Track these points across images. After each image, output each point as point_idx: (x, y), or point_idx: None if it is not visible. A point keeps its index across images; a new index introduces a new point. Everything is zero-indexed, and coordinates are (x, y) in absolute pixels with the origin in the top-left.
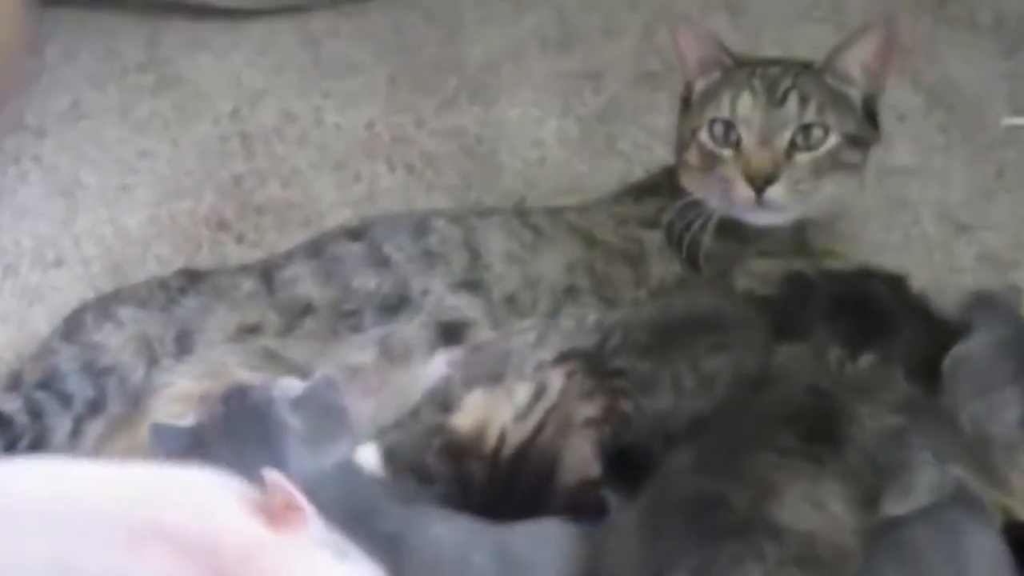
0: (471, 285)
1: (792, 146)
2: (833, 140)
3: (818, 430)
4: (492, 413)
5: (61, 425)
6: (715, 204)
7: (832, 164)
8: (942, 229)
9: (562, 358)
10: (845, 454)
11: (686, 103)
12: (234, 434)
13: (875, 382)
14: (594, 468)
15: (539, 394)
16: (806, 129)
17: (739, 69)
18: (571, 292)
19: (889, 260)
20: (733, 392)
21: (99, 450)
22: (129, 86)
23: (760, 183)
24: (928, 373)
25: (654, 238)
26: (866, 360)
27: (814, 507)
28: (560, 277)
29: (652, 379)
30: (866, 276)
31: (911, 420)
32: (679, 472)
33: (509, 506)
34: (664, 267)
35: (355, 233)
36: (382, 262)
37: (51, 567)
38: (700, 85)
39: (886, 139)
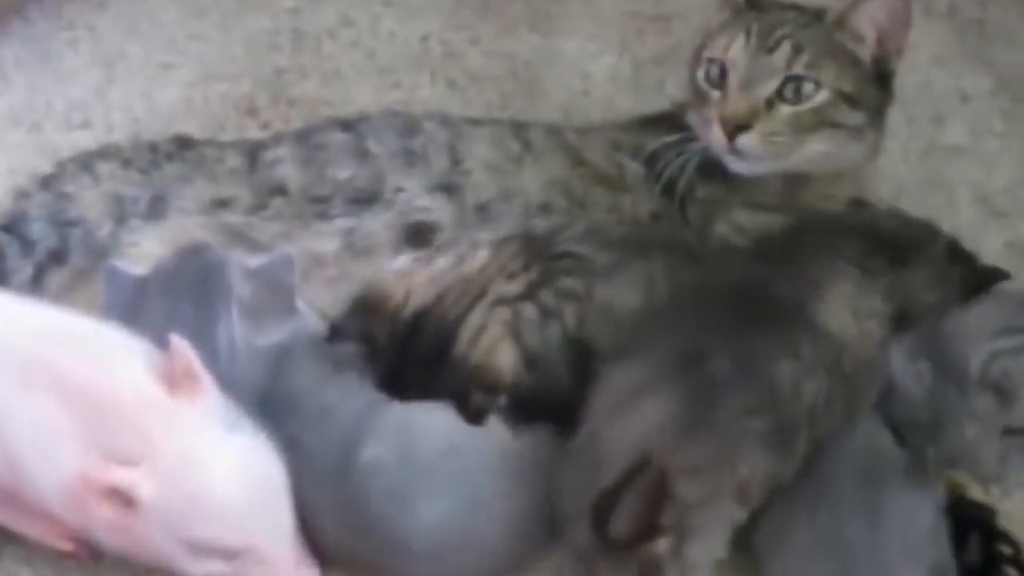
0: (446, 188)
1: (779, 96)
2: (823, 96)
3: (883, 246)
4: (408, 277)
5: (21, 269)
6: (703, 142)
7: (820, 121)
8: (976, 212)
9: (502, 240)
10: (899, 275)
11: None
12: (176, 288)
13: None
14: (503, 351)
15: (457, 263)
16: (796, 81)
17: (748, 11)
18: (544, 208)
19: None
20: None
21: (59, 300)
22: None
23: (731, 129)
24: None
25: (636, 170)
26: None
27: (852, 315)
28: (537, 193)
29: (616, 268)
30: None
31: None
32: (731, 256)
33: (403, 376)
34: (641, 200)
35: (346, 124)
36: (362, 154)
37: None
38: (712, 24)
39: (941, 116)
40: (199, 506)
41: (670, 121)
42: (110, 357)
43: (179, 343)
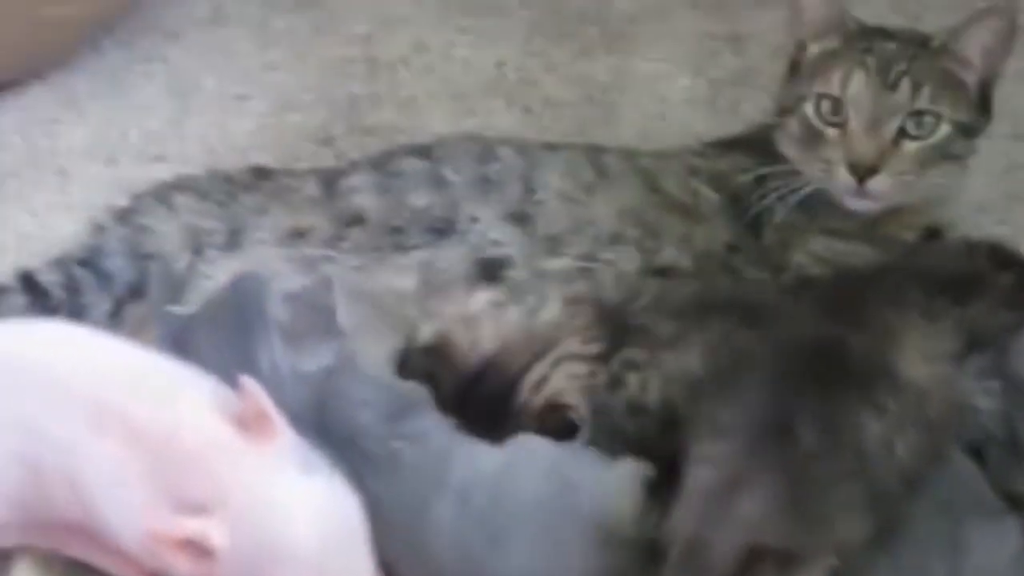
0: (518, 219)
1: (900, 133)
2: (944, 130)
3: (945, 286)
4: (476, 326)
5: (99, 304)
6: (811, 179)
7: (940, 154)
8: None
9: (575, 300)
10: (963, 311)
11: (794, 66)
12: (217, 320)
13: None
14: (568, 397)
15: (530, 314)
16: (917, 116)
17: (854, 41)
18: (615, 239)
19: None
20: None
21: (137, 334)
22: (271, 1)
23: (863, 172)
24: None
25: (713, 198)
26: None
27: (926, 361)
28: (609, 223)
29: (679, 338)
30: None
31: None
32: (798, 318)
33: (466, 424)
34: (715, 229)
35: (423, 151)
36: (439, 182)
37: (19, 424)
38: (814, 50)
39: (1020, 133)
40: (276, 553)
41: (756, 145)
42: (179, 400)
43: (249, 383)
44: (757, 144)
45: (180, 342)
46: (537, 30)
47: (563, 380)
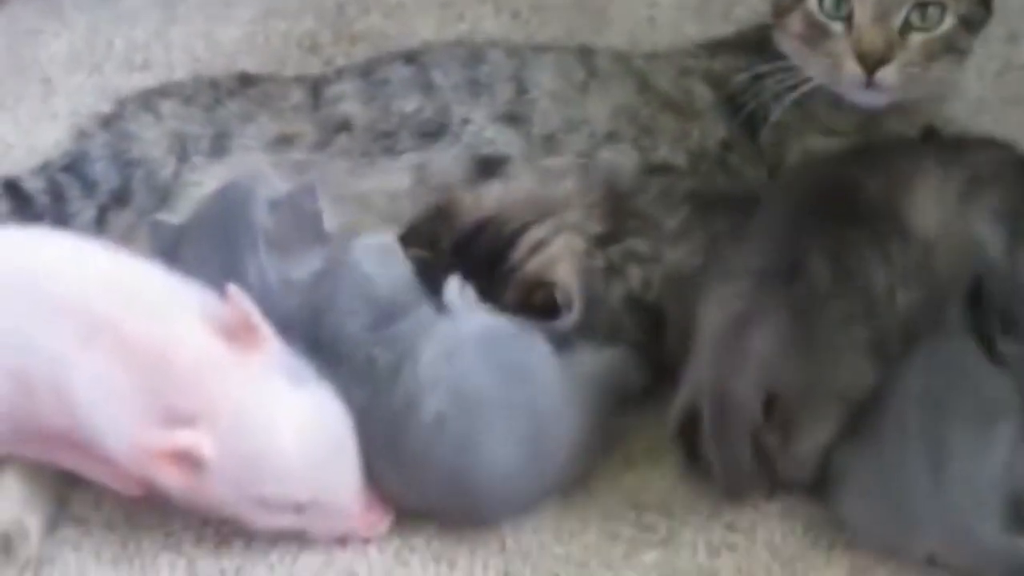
0: (512, 119)
1: (906, 25)
2: (949, 21)
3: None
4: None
5: (84, 211)
6: (814, 76)
7: (945, 47)
8: None
9: (586, 188)
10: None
11: None
12: (203, 229)
13: None
14: (561, 269)
15: (541, 185)
16: (922, 7)
17: None
18: (611, 137)
19: None
20: None
21: (122, 241)
22: None
23: (872, 63)
24: None
25: (708, 95)
26: None
27: (939, 206)
28: (603, 121)
29: (682, 233)
30: None
31: None
32: (821, 159)
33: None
34: (709, 127)
35: (409, 57)
36: (427, 86)
37: (11, 336)
38: None
39: (1015, 35)
40: (264, 463)
41: (750, 45)
42: (167, 311)
43: (236, 293)
44: (751, 44)
45: (169, 251)
46: None
47: (560, 249)
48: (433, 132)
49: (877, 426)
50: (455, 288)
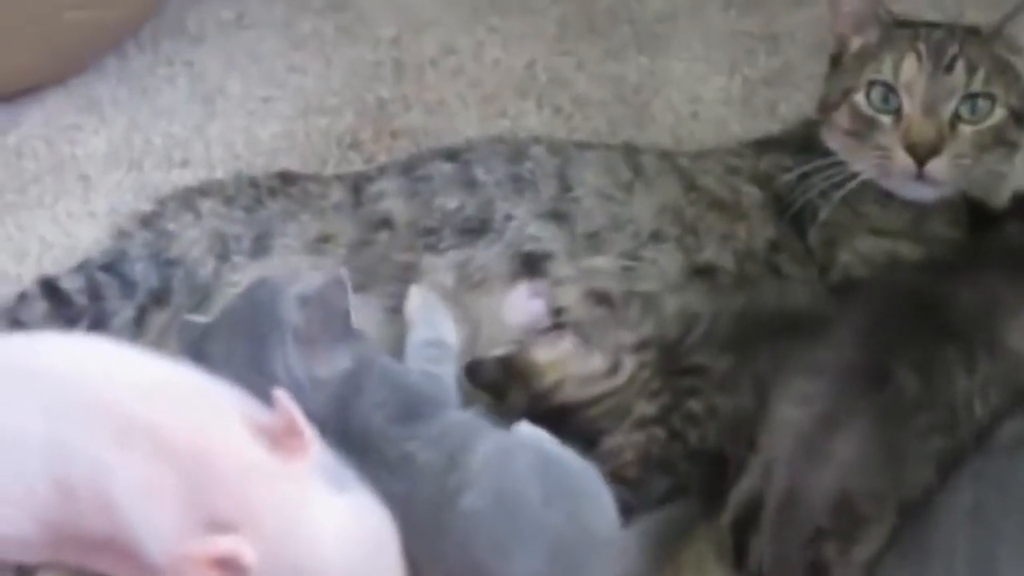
0: (556, 216)
1: (956, 117)
2: (999, 113)
3: None
4: (563, 365)
5: (123, 310)
6: (863, 171)
7: (995, 139)
8: None
9: (642, 345)
10: None
11: (836, 60)
12: (233, 327)
13: None
14: (631, 471)
15: (611, 372)
16: (972, 99)
17: (900, 30)
18: (656, 236)
19: None
20: None
21: (161, 341)
22: (297, 4)
23: (923, 154)
24: None
25: (755, 195)
26: None
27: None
28: (649, 220)
29: (731, 377)
30: None
31: None
32: (906, 273)
33: None
34: (756, 227)
35: (452, 154)
36: (470, 183)
37: (47, 442)
38: (856, 43)
39: None
40: (307, 571)
41: (796, 142)
42: (208, 414)
43: (282, 397)
44: (798, 141)
45: (198, 351)
46: (568, 28)
47: (632, 454)
48: (476, 229)
49: (924, 540)
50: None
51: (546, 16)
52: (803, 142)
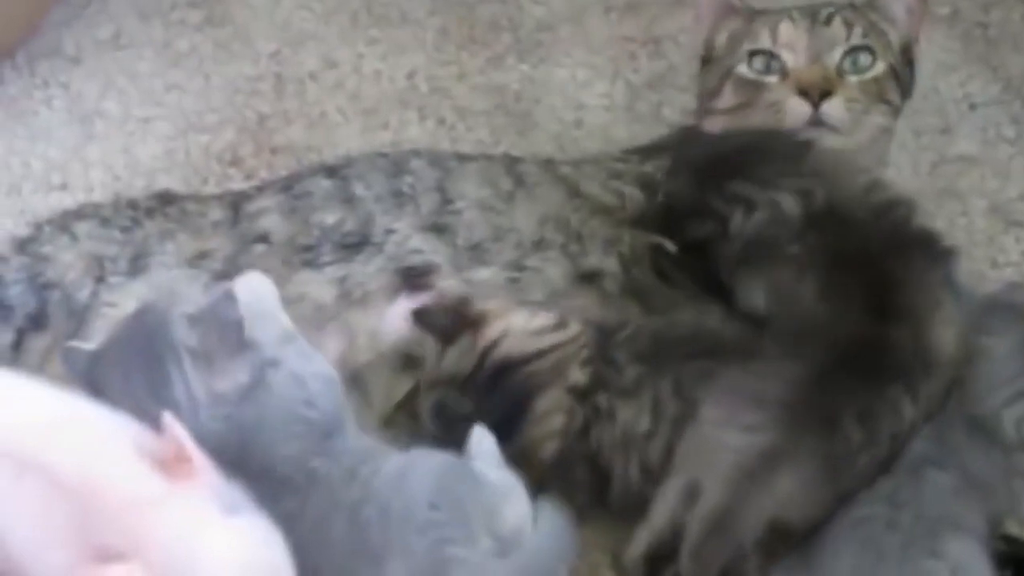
0: (437, 229)
1: (840, 69)
2: (880, 67)
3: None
4: (510, 315)
5: (0, 335)
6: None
7: (878, 92)
8: (991, 223)
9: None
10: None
11: (706, 61)
12: (125, 355)
13: None
14: (552, 444)
15: (558, 327)
16: (853, 53)
17: (768, 10)
18: (539, 245)
19: None
20: None
21: (41, 366)
22: (175, 21)
23: (816, 96)
24: None
25: (638, 198)
26: None
27: (952, 325)
28: (532, 229)
29: (635, 390)
30: None
31: None
32: (836, 318)
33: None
34: (640, 232)
35: (331, 170)
36: (349, 199)
37: None
38: (723, 36)
39: (949, 127)
40: None
41: (671, 147)
42: (95, 443)
43: (170, 422)
44: (680, 143)
45: (90, 378)
46: (447, 38)
47: (560, 421)
48: (355, 244)
49: (809, 553)
50: (479, 440)
51: (426, 26)
52: (685, 144)
